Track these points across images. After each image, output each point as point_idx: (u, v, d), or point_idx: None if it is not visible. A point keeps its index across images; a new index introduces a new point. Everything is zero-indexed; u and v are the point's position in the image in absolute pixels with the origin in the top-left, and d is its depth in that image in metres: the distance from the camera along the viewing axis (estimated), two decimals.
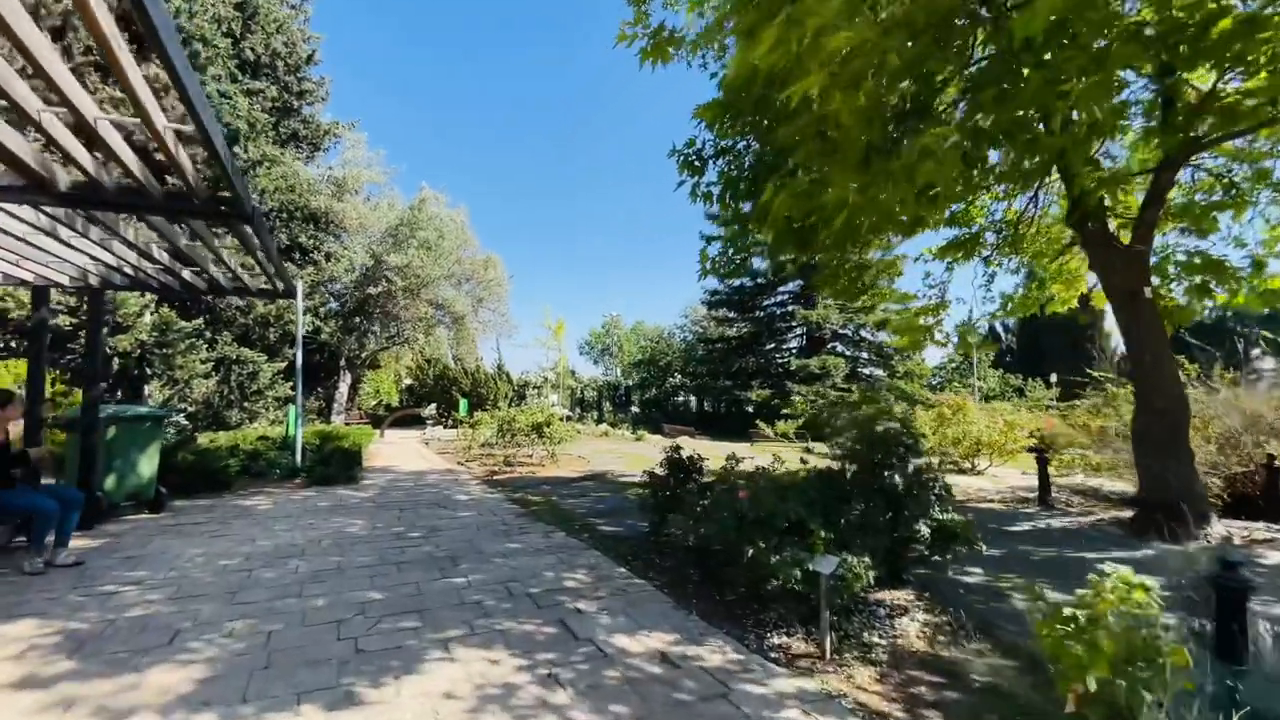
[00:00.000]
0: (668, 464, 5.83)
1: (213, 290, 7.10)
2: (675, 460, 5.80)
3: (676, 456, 5.83)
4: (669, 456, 5.87)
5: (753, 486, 4.06)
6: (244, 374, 13.32)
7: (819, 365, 26.29)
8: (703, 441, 21.33)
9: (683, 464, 5.77)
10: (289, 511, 7.57)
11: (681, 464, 5.77)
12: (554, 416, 13.36)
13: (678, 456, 5.83)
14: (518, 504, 8.17)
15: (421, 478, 10.98)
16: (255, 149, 14.05)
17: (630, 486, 9.67)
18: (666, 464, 5.85)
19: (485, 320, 24.01)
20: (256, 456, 11.10)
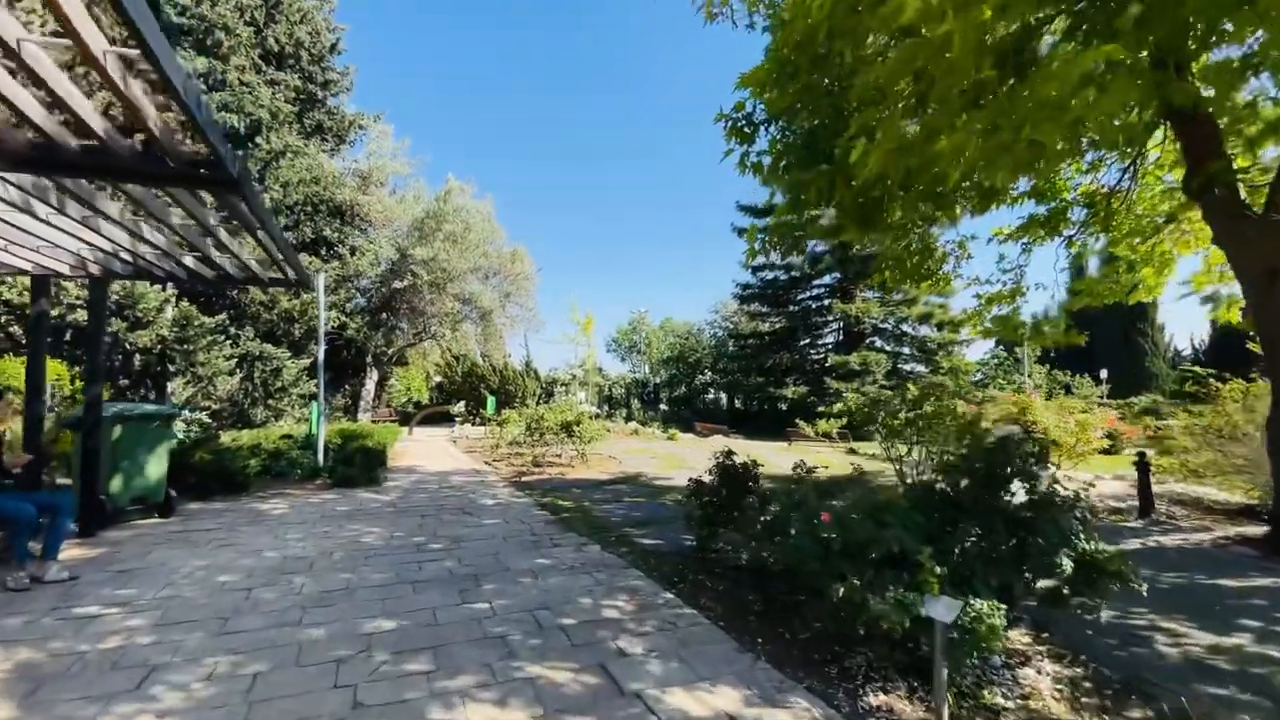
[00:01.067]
0: (720, 472, 5.09)
1: (223, 281, 6.61)
2: (728, 468, 5.06)
3: (729, 463, 5.09)
4: (721, 463, 5.13)
5: (837, 506, 3.30)
6: (267, 371, 13.01)
7: (859, 361, 25.18)
8: (737, 440, 20.49)
9: (737, 473, 5.03)
10: (304, 516, 7.06)
11: (735, 473, 5.02)
12: (584, 415, 12.73)
13: (731, 463, 5.08)
14: (547, 510, 7.53)
15: (446, 479, 10.44)
16: (278, 139, 13.74)
17: (666, 491, 8.96)
18: (718, 472, 5.11)
19: (513, 315, 23.54)
20: (278, 456, 10.72)
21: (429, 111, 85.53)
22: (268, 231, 4.77)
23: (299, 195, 14.89)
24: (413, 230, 19.19)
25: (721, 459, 5.15)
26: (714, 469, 5.18)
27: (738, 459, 5.21)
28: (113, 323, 9.99)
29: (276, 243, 5.11)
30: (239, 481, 8.68)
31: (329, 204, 16.35)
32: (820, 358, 29.96)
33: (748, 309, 33.13)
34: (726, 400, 38.15)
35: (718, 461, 5.21)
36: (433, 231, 18.67)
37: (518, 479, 10.53)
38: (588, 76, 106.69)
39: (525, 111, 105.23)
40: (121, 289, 9.93)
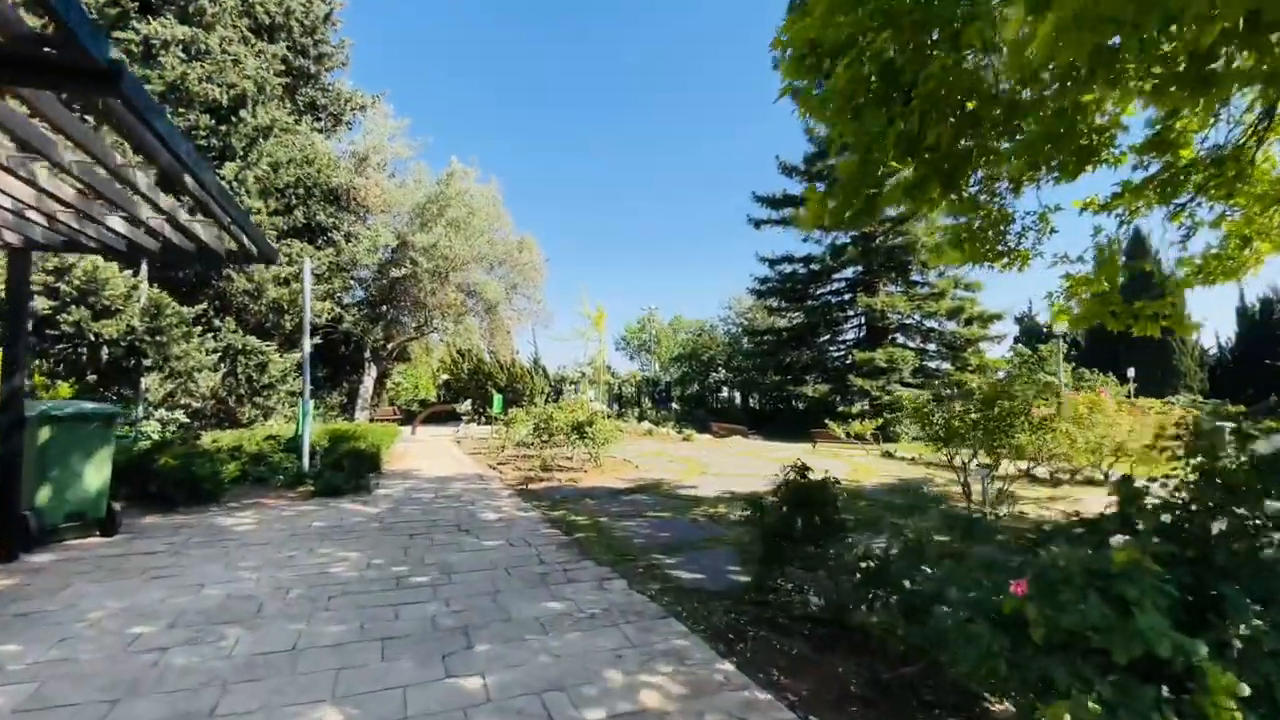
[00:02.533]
0: (788, 494, 3.93)
1: (171, 253, 5.51)
2: (801, 489, 3.90)
3: (802, 482, 3.93)
4: (791, 482, 3.97)
5: (1037, 571, 2.10)
6: (251, 366, 11.99)
7: (885, 358, 23.88)
8: (756, 441, 19.31)
9: (813, 495, 3.86)
10: (270, 535, 5.97)
11: (811, 495, 3.86)
12: (597, 415, 11.60)
13: (804, 482, 3.92)
14: (558, 527, 6.39)
15: (445, 486, 9.35)
16: (265, 114, 12.68)
17: (693, 503, 7.81)
18: (788, 494, 3.95)
19: (520, 309, 22.37)
20: (260, 459, 9.68)
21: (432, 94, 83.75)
22: (196, 179, 3.65)
23: (290, 177, 13.83)
24: (414, 217, 18.08)
25: (792, 475, 3.98)
26: (781, 488, 4.02)
27: (813, 475, 4.04)
28: (73, 310, 8.98)
29: (213, 196, 3.99)
30: (206, 490, 7.60)
31: (323, 188, 15.28)
32: (842, 355, 28.65)
33: (765, 304, 31.86)
34: (741, 399, 36.91)
35: (786, 479, 4.04)
36: (434, 217, 17.54)
37: (524, 486, 9.42)
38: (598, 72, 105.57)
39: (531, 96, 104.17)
40: (84, 273, 8.92)
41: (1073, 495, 9.00)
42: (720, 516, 6.94)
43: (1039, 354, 38.06)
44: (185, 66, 11.67)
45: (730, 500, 8.02)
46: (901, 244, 26.30)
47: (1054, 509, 7.95)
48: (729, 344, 36.75)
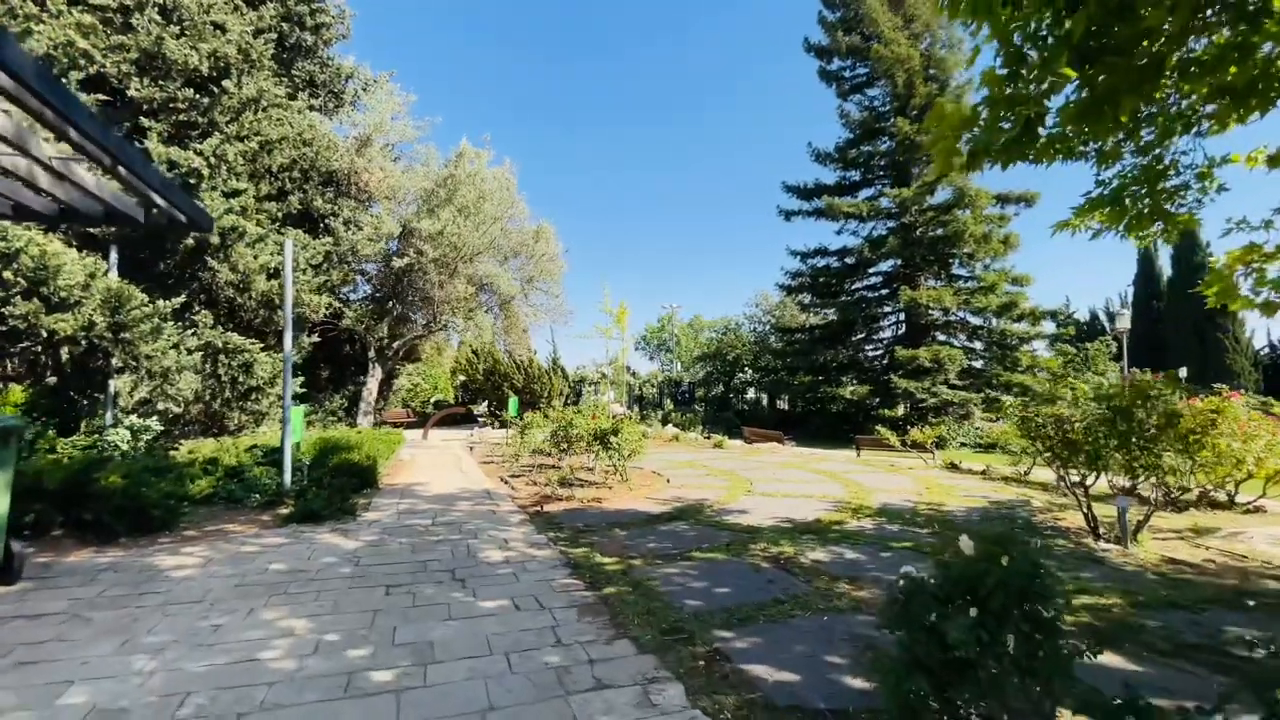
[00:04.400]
0: (961, 580, 2.39)
1: (69, 217, 4.15)
2: (982, 568, 2.34)
3: (987, 556, 2.38)
4: (961, 556, 2.44)
5: None
6: (235, 366, 10.75)
7: (930, 357, 22.07)
8: (793, 448, 17.69)
9: (1011, 579, 2.30)
10: (210, 587, 4.60)
11: (1012, 580, 2.30)
12: (623, 422, 10.13)
13: (987, 553, 2.37)
14: (581, 577, 4.93)
15: (447, 509, 7.95)
16: (251, 84, 11.42)
17: (748, 537, 6.29)
18: (959, 580, 2.41)
19: (536, 304, 20.92)
20: (238, 474, 8.39)
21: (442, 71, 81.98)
22: (58, 111, 2.23)
23: (284, 158, 12.55)
24: (420, 204, 16.70)
25: (966, 545, 2.44)
26: (943, 567, 2.49)
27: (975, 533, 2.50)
28: (17, 303, 7.77)
29: (90, 137, 2.58)
30: (156, 518, 6.27)
31: (321, 171, 14.03)
32: (880, 354, 26.88)
33: (796, 300, 30.14)
34: (768, 401, 35.19)
35: (940, 554, 2.50)
36: (442, 202, 16.15)
37: (539, 507, 7.99)
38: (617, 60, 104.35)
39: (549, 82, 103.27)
40: (32, 259, 7.70)
41: (1215, 523, 7.30)
42: (789, 560, 5.41)
43: (1085, 353, 35.85)
44: (162, 30, 10.48)
45: (793, 532, 6.48)
46: (944, 235, 24.47)
47: (1212, 546, 6.28)
48: (756, 343, 35.04)
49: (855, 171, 27.90)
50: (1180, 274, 39.68)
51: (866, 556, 5.59)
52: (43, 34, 9.43)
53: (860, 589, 4.67)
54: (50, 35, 9.51)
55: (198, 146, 10.83)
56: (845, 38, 27.29)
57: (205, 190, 10.70)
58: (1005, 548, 2.24)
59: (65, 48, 9.63)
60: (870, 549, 5.86)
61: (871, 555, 5.64)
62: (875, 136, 27.11)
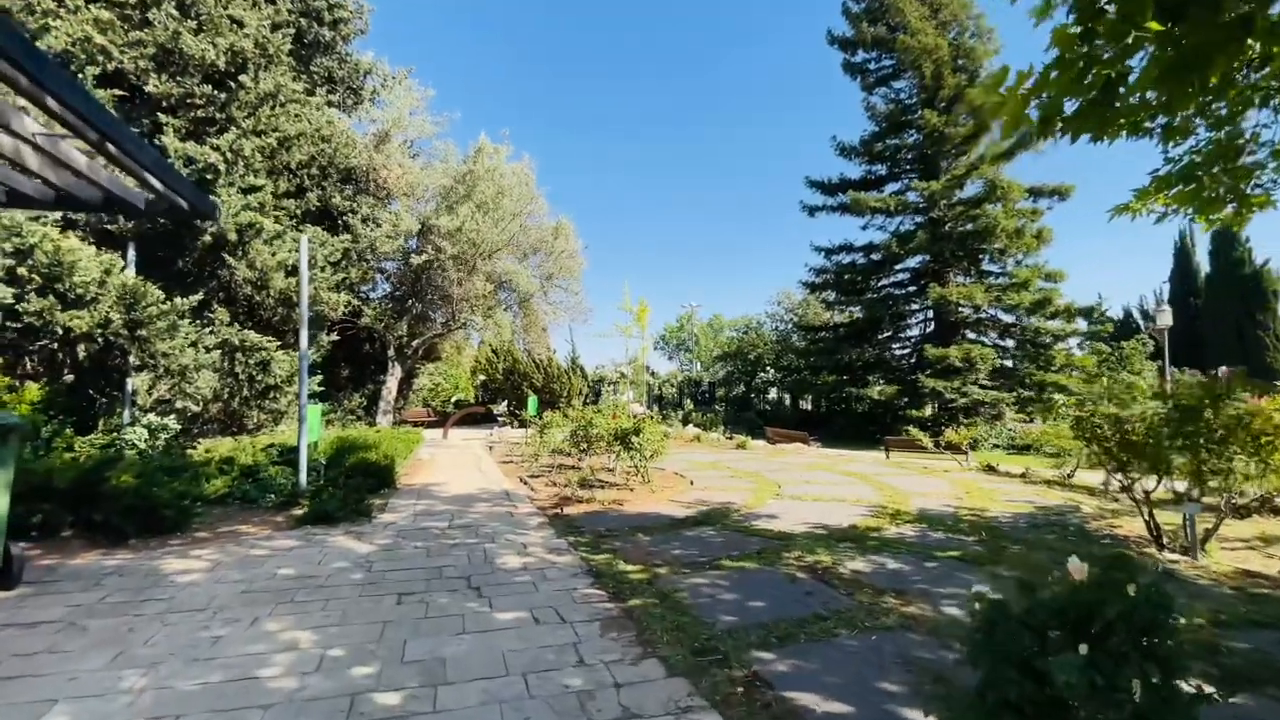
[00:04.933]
0: (1066, 609, 1.99)
1: (66, 203, 3.94)
2: (1095, 595, 1.94)
3: (1105, 581, 1.97)
4: (1071, 579, 2.03)
5: None
6: (252, 364, 10.64)
7: (961, 356, 21.37)
8: (819, 450, 17.19)
9: (1143, 611, 1.90)
10: (215, 594, 4.38)
11: (1142, 611, 1.90)
12: (645, 422, 9.81)
13: (1110, 578, 1.97)
14: (604, 586, 4.60)
15: (464, 509, 7.70)
16: (268, 79, 11.30)
17: (780, 544, 5.91)
18: (1063, 610, 2.01)
19: (556, 302, 20.65)
20: (253, 473, 8.24)
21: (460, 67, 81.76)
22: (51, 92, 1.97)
23: (303, 155, 12.44)
24: (439, 201, 16.51)
25: (1078, 569, 2.04)
26: (1024, 588, 2.11)
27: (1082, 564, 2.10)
28: (34, 299, 7.69)
29: (82, 115, 2.33)
30: (167, 519, 6.10)
31: (339, 168, 13.92)
32: (907, 352, 26.18)
33: (820, 298, 29.53)
34: (791, 401, 34.58)
35: (1024, 572, 2.13)
36: (461, 199, 15.96)
37: (559, 509, 7.69)
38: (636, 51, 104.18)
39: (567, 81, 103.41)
40: (46, 255, 7.62)
41: None
42: (827, 570, 5.03)
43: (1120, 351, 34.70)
44: (179, 25, 10.41)
45: (828, 539, 6.08)
46: (974, 230, 23.70)
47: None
48: (778, 342, 34.45)
49: (881, 165, 27.22)
50: (1219, 270, 38.22)
51: (910, 567, 5.19)
52: (60, 30, 9.42)
53: (908, 603, 4.28)
54: (68, 31, 9.50)
55: (214, 141, 10.74)
56: (870, 29, 26.63)
57: (222, 186, 10.62)
58: (1130, 573, 1.85)
59: (83, 43, 9.61)
60: (913, 558, 5.44)
61: (915, 565, 5.23)
62: (902, 129, 26.42)
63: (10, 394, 7.95)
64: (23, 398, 8.00)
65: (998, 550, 5.78)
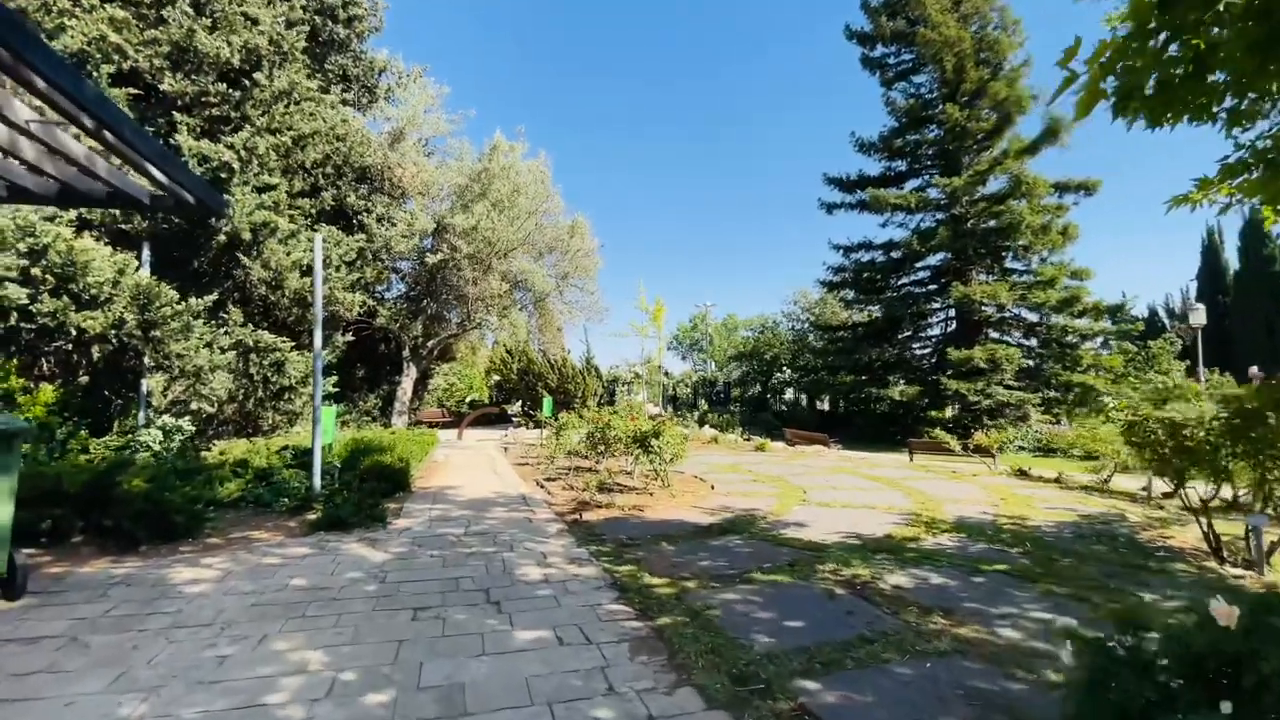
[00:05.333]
0: (1221, 648, 1.69)
1: (69, 199, 3.76)
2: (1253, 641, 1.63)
3: None
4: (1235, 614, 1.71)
5: None
6: (267, 365, 10.52)
7: (985, 357, 20.84)
8: (840, 452, 16.80)
9: None
10: (223, 607, 4.18)
11: None
12: (664, 424, 9.54)
13: None
14: (630, 602, 4.34)
15: (481, 514, 7.48)
16: (283, 77, 11.18)
17: (813, 555, 5.61)
18: (1216, 649, 1.70)
19: (572, 301, 20.41)
20: (267, 477, 8.09)
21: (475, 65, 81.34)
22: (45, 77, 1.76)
23: (317, 154, 12.32)
24: (455, 201, 16.34)
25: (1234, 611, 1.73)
26: (1124, 625, 1.81)
27: None
28: (47, 300, 7.60)
29: (57, 87, 2.12)
30: (177, 524, 5.95)
31: (354, 167, 13.81)
32: (927, 352, 25.65)
33: (838, 296, 29.04)
34: (808, 401, 34.10)
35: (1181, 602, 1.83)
36: (476, 197, 15.78)
37: (578, 514, 7.45)
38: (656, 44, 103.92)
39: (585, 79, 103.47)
40: (59, 255, 7.51)
41: None
42: (866, 585, 4.73)
43: (1148, 351, 33.83)
44: (193, 22, 10.32)
45: (863, 550, 5.77)
46: (998, 226, 23.12)
47: None
48: (794, 341, 33.99)
49: (901, 161, 26.69)
50: (1248, 267, 37.19)
51: (956, 582, 4.87)
52: (75, 29, 9.37)
53: (959, 624, 3.97)
54: (83, 31, 9.44)
55: (228, 140, 10.64)
56: (889, 23, 26.11)
57: (236, 185, 10.52)
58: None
59: (98, 43, 9.55)
60: (958, 572, 5.12)
61: (961, 580, 4.91)
62: (922, 125, 25.87)
63: (25, 395, 7.87)
64: (38, 399, 7.92)
65: (1046, 563, 5.43)
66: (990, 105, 23.93)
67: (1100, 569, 5.35)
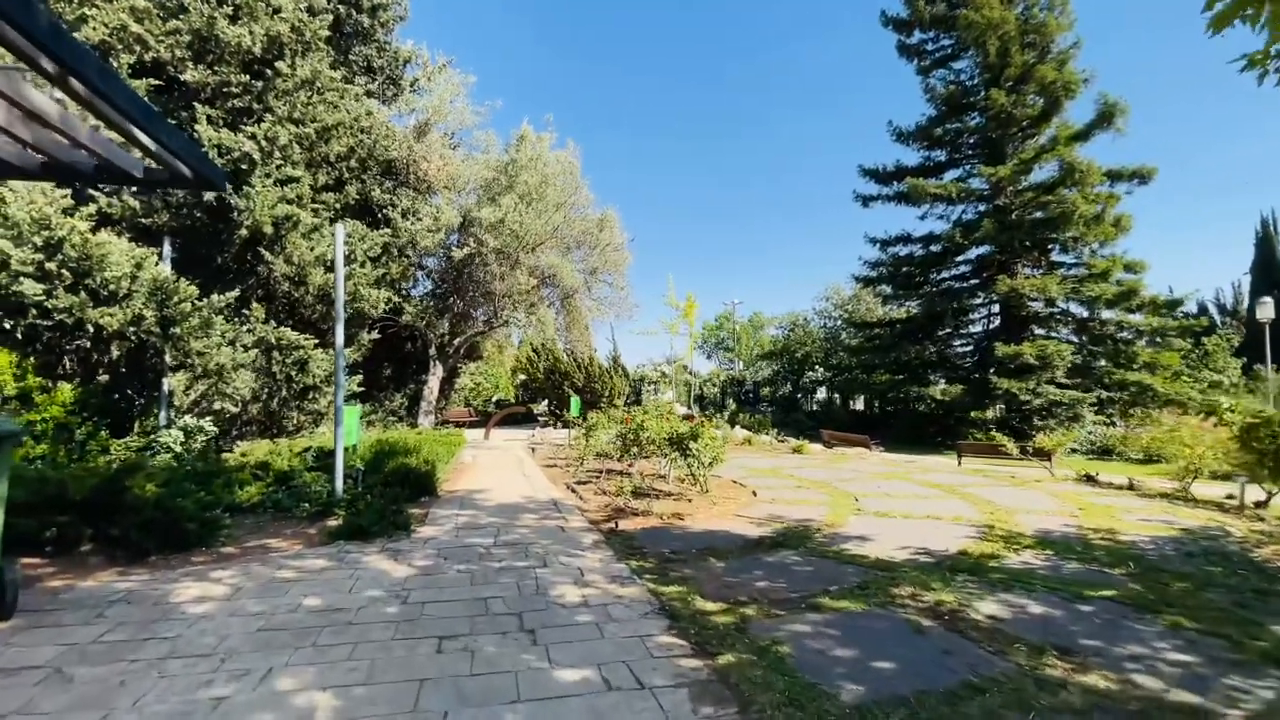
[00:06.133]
0: None
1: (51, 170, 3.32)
2: None
3: None
4: None
5: None
6: (289, 363, 10.20)
7: (1035, 353, 19.75)
8: (882, 454, 15.97)
9: None
10: (228, 631, 3.73)
11: None
12: (703, 426, 8.94)
13: None
14: (682, 633, 3.77)
15: (510, 522, 6.98)
16: (305, 66, 10.84)
17: (884, 575, 4.95)
18: None
19: (601, 297, 19.82)
20: (286, 479, 7.70)
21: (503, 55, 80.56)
22: None
23: (342, 147, 12.00)
24: (482, 194, 15.90)
25: None
26: None
27: None
28: (62, 295, 7.33)
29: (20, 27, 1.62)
30: (190, 532, 5.56)
31: (379, 160, 13.48)
32: (969, 349, 24.52)
33: (875, 292, 28.05)
34: (840, 401, 33.09)
35: None
36: (504, 189, 15.33)
37: (613, 523, 6.89)
38: None
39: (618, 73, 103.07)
40: (75, 248, 7.22)
41: None
42: (955, 614, 4.08)
43: (1203, 348, 32.09)
44: (214, 11, 10.06)
45: (939, 570, 5.11)
46: (1046, 217, 21.91)
47: None
48: (827, 339, 33.01)
49: (941, 151, 25.61)
50: None
51: (1061, 612, 4.18)
52: (97, 20, 9.17)
53: (1082, 668, 3.31)
54: (104, 21, 9.24)
55: (249, 129, 10.34)
56: (928, 7, 25.05)
57: (258, 177, 10.22)
58: None
59: (119, 33, 9.35)
60: (1058, 599, 4.43)
61: (1066, 610, 4.23)
62: (963, 112, 24.76)
63: (43, 395, 7.61)
64: (55, 399, 7.66)
65: (1159, 588, 4.70)
66: (1036, 90, 22.76)
67: (1224, 595, 4.61)
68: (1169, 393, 20.00)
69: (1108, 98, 21.71)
